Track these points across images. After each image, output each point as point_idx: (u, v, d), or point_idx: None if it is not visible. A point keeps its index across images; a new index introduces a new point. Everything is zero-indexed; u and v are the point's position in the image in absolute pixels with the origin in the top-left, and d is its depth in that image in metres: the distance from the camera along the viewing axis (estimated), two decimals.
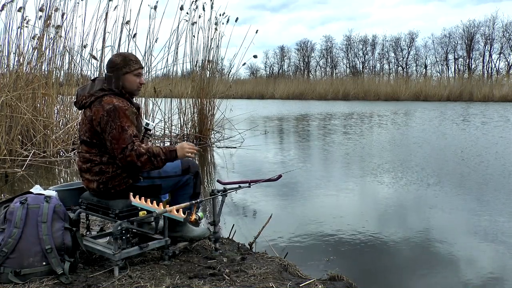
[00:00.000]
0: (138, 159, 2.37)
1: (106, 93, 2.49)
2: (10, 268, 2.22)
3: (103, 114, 2.39)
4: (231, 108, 9.73)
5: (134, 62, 2.55)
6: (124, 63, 2.53)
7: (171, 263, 2.56)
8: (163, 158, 2.44)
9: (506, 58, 44.50)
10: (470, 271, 2.87)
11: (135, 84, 2.56)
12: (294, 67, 58.30)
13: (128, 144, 2.37)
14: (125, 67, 2.53)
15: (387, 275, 2.85)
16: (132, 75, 2.54)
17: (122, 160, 2.38)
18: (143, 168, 2.42)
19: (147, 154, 2.39)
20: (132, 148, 2.37)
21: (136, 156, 2.36)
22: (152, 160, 2.40)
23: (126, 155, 2.36)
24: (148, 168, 2.43)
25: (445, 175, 5.78)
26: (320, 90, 35.41)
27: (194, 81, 9.33)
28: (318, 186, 5.27)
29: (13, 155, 6.27)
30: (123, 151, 2.36)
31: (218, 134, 10.07)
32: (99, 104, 2.43)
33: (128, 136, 2.38)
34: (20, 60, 6.92)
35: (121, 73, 2.52)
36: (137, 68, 2.56)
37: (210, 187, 5.32)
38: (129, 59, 2.55)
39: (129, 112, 2.44)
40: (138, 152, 2.37)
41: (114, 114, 2.38)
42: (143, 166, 2.40)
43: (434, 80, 37.78)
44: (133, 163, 2.37)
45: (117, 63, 2.53)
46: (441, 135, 10.13)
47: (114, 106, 2.40)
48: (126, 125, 2.39)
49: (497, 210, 4.13)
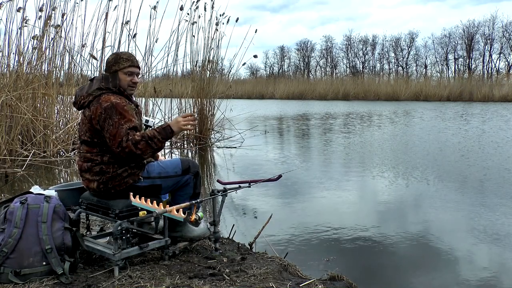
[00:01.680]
0: (136, 147, 2.37)
1: (104, 91, 2.49)
2: (10, 268, 2.22)
3: (101, 112, 2.40)
4: (231, 108, 9.73)
5: (125, 60, 2.54)
6: (115, 61, 2.54)
7: (171, 263, 2.56)
8: (160, 138, 2.43)
9: (506, 58, 44.58)
10: (471, 270, 2.87)
11: (125, 82, 2.55)
12: (294, 67, 58.37)
13: (123, 136, 2.37)
14: (115, 65, 2.54)
15: (387, 275, 2.85)
16: (122, 73, 2.53)
17: (121, 153, 2.38)
18: (145, 154, 2.42)
19: (143, 139, 2.39)
20: (127, 139, 2.37)
21: (133, 145, 2.37)
22: (150, 144, 2.40)
23: (123, 146, 2.36)
24: (150, 153, 2.43)
25: (445, 175, 5.78)
26: (320, 90, 35.41)
27: (194, 81, 9.33)
28: (318, 186, 5.27)
29: (13, 155, 6.27)
30: (120, 144, 2.37)
31: (218, 134, 10.06)
32: (97, 103, 2.44)
33: (124, 130, 2.38)
34: (20, 60, 6.92)
35: (111, 71, 2.53)
36: (126, 66, 2.54)
37: (210, 187, 5.32)
38: (120, 57, 2.55)
39: (128, 108, 2.45)
40: (134, 141, 2.37)
41: (111, 111, 2.39)
42: (144, 152, 2.40)
43: (434, 80, 37.82)
44: (132, 152, 2.37)
45: (108, 61, 2.57)
46: (440, 135, 10.12)
47: (111, 103, 2.41)
48: (123, 121, 2.39)
49: (498, 209, 4.13)
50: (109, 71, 2.55)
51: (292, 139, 10.49)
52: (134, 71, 2.57)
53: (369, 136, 10.15)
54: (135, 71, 2.58)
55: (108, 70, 2.56)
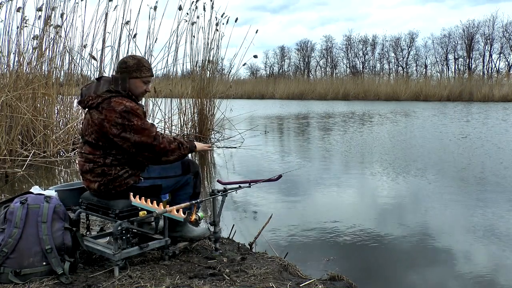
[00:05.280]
0: (170, 145, 2.45)
1: (113, 94, 2.45)
2: (10, 268, 2.22)
3: (117, 116, 2.37)
4: (231, 108, 9.73)
5: (146, 70, 2.55)
6: (137, 67, 2.52)
7: (171, 263, 2.56)
8: (187, 146, 2.55)
9: (506, 58, 44.55)
10: (471, 270, 2.87)
11: (140, 90, 2.55)
12: (294, 67, 58.31)
13: (155, 132, 2.44)
14: (136, 71, 2.51)
15: (387, 275, 2.85)
16: (140, 81, 2.54)
17: (155, 147, 2.41)
18: (172, 155, 2.47)
19: (176, 141, 2.49)
20: (162, 136, 2.46)
21: (167, 143, 2.45)
22: (180, 147, 2.50)
23: (160, 141, 2.42)
24: (177, 155, 2.49)
25: (445, 175, 5.78)
26: (320, 90, 35.39)
27: (194, 81, 9.33)
28: (318, 186, 5.27)
29: (13, 155, 6.27)
30: (156, 139, 2.42)
31: (218, 134, 10.07)
32: (109, 106, 2.40)
33: (151, 125, 2.44)
34: (20, 60, 6.92)
35: (130, 76, 2.50)
36: (147, 76, 2.56)
37: (210, 187, 5.32)
38: (143, 65, 2.54)
39: (140, 112, 2.46)
40: (168, 139, 2.47)
41: (128, 114, 2.39)
42: (173, 152, 2.47)
43: (434, 80, 37.78)
44: (165, 149, 2.44)
45: (130, 65, 2.51)
46: (440, 134, 10.12)
47: (125, 106, 2.39)
48: (144, 121, 2.44)
49: (497, 207, 4.13)
50: (126, 74, 2.50)
51: (292, 139, 10.49)
52: (150, 81, 2.62)
53: (369, 136, 10.15)
54: (151, 80, 2.63)
55: (126, 73, 2.50)
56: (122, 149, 2.43)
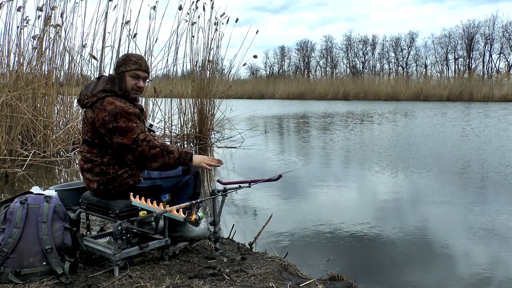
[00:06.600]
0: (150, 151, 2.35)
1: (108, 94, 2.45)
2: (10, 268, 2.22)
3: (105, 115, 2.37)
4: (231, 108, 9.73)
5: (132, 63, 2.49)
6: (123, 62, 2.51)
7: (171, 263, 2.56)
8: (176, 156, 2.40)
9: (506, 58, 44.58)
10: (471, 270, 2.87)
11: (129, 85, 2.50)
12: (294, 67, 58.36)
13: (138, 134, 2.35)
14: (122, 66, 2.50)
15: (387, 275, 2.85)
16: (128, 75, 2.49)
17: (134, 151, 2.34)
18: (153, 161, 2.37)
19: (161, 148, 2.37)
20: (144, 138, 2.35)
21: (148, 147, 2.35)
22: (164, 155, 2.37)
23: (139, 145, 2.34)
24: (160, 163, 2.37)
25: (446, 174, 5.78)
26: (320, 90, 35.40)
27: (194, 81, 9.33)
28: (318, 186, 5.27)
29: (13, 155, 6.27)
30: (135, 141, 2.34)
31: (218, 134, 10.07)
32: (101, 105, 2.40)
33: (136, 126, 2.37)
34: (20, 60, 6.92)
35: (117, 71, 2.50)
36: (133, 69, 2.48)
37: (210, 187, 5.32)
38: (129, 59, 2.51)
39: (132, 111, 2.41)
40: (151, 144, 2.36)
41: (115, 114, 2.36)
42: (154, 159, 2.36)
43: (434, 80, 37.77)
44: (144, 154, 2.35)
45: (118, 61, 2.54)
46: (440, 134, 10.12)
47: (115, 106, 2.38)
48: (131, 122, 2.38)
49: (497, 206, 4.13)
50: (116, 71, 2.52)
51: (292, 139, 10.49)
52: (140, 75, 2.51)
53: (369, 136, 10.15)
54: (141, 75, 2.52)
55: (116, 71, 2.53)
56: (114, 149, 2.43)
